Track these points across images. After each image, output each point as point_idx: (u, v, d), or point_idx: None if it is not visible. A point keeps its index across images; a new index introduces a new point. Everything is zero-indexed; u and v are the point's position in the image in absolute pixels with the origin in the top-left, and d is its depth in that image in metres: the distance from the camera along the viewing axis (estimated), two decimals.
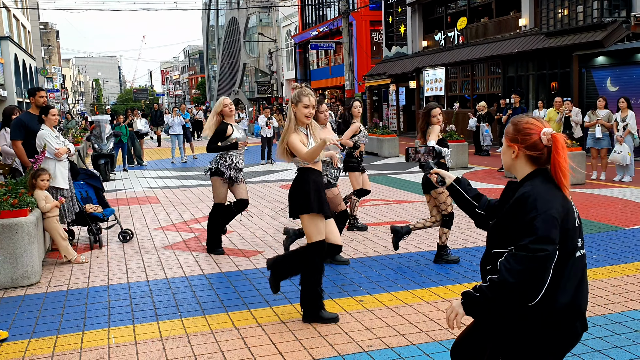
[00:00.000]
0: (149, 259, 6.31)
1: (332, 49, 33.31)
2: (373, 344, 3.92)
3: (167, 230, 7.77)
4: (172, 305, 4.80)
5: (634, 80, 14.93)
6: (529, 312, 2.10)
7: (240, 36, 56.13)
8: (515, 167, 2.26)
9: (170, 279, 5.52)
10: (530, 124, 2.22)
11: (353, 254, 6.22)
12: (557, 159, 2.13)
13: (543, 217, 2.05)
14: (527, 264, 2.02)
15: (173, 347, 3.96)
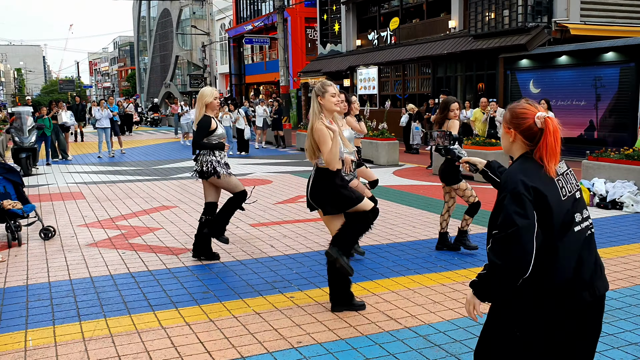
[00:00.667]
0: (72, 257, 6.07)
1: (267, 44, 33.14)
2: (302, 340, 3.93)
3: (92, 228, 7.49)
4: (96, 304, 4.63)
5: (554, 83, 15.71)
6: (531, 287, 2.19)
7: (173, 28, 54.81)
8: (512, 150, 2.40)
9: (95, 278, 5.33)
10: (525, 109, 2.34)
11: (285, 251, 6.23)
12: (546, 138, 2.25)
13: (509, 195, 2.19)
14: (503, 243, 2.15)
15: (96, 348, 3.82)
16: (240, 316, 4.36)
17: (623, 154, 8.74)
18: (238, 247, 6.42)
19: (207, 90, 5.87)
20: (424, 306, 4.56)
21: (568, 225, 2.22)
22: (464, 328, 4.11)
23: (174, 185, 11.20)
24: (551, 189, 2.22)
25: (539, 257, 2.16)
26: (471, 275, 5.30)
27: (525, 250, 2.12)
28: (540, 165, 2.26)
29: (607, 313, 4.36)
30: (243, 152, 17.83)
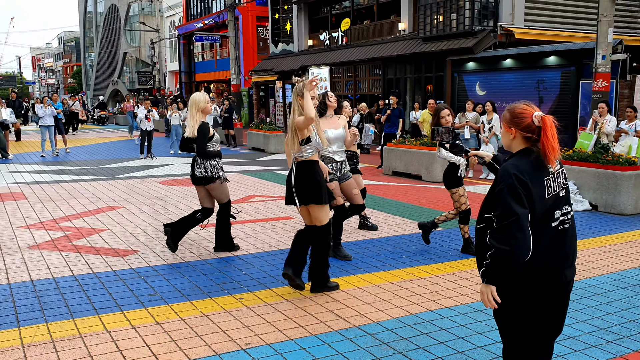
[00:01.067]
0: (11, 260, 5.84)
1: (217, 42, 32.76)
2: (251, 341, 3.91)
3: (33, 229, 7.23)
4: (37, 309, 4.47)
5: (499, 85, 16.17)
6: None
7: (121, 24, 53.51)
8: (512, 146, 2.66)
9: (36, 281, 5.15)
10: (523, 109, 2.62)
11: (235, 252, 6.17)
12: (544, 136, 2.53)
13: (507, 188, 2.47)
14: (507, 231, 2.43)
15: (36, 355, 3.69)
16: (188, 318, 4.30)
17: (564, 154, 9.08)
18: (186, 248, 6.33)
19: (199, 96, 5.86)
20: (373, 305, 4.61)
21: (546, 220, 2.52)
22: (411, 326, 4.18)
23: (120, 186, 10.93)
24: (537, 186, 2.51)
25: None
26: (418, 273, 5.40)
27: (526, 234, 2.43)
28: (534, 162, 2.54)
29: None
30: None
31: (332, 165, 5.83)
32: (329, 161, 5.83)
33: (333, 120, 5.91)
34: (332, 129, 5.82)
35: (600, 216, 8.07)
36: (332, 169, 5.82)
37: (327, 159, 5.83)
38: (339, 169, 5.89)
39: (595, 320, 4.29)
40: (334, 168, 5.85)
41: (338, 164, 5.88)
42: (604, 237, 6.88)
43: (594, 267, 5.61)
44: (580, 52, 14.15)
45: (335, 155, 5.86)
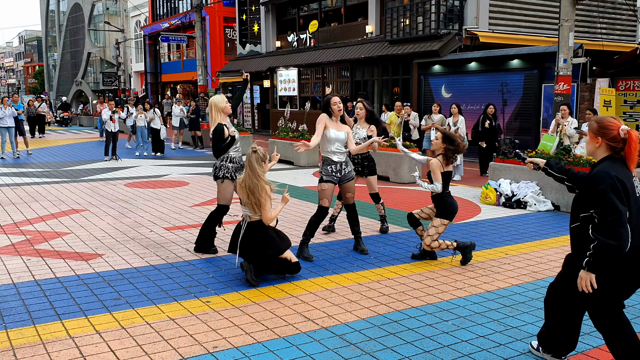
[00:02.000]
0: None
1: (184, 43, 32.42)
2: (218, 344, 3.88)
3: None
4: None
5: (464, 88, 16.42)
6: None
7: (85, 24, 52.46)
8: (596, 154, 3.22)
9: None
10: (611, 122, 3.15)
11: (202, 254, 6.11)
12: (629, 146, 3.09)
13: (609, 187, 2.98)
14: (613, 226, 2.96)
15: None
16: (154, 322, 4.24)
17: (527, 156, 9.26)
18: (152, 251, 6.23)
19: (218, 98, 6.03)
20: (341, 306, 4.62)
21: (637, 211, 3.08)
22: (379, 326, 4.21)
23: (84, 188, 10.72)
24: (630, 183, 3.08)
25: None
26: (386, 274, 5.44)
27: (627, 229, 2.98)
28: (622, 167, 3.10)
29: (511, 307, 4.61)
30: (158, 153, 17.35)
31: (330, 168, 6.01)
32: (327, 163, 6.02)
33: (338, 125, 6.15)
34: (335, 129, 6.05)
35: (562, 216, 8.26)
36: (331, 171, 6.00)
37: (326, 160, 6.04)
38: (338, 170, 6.03)
39: None
40: (334, 170, 6.01)
41: (337, 165, 6.02)
42: (566, 236, 7.04)
43: (557, 266, 5.74)
44: (543, 55, 14.48)
45: (333, 156, 6.01)
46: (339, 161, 6.03)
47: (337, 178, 6.04)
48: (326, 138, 6.00)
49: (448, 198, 5.78)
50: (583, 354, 3.77)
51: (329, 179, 6.00)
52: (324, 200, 5.99)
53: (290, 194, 9.83)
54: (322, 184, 6.00)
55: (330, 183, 5.99)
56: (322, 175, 6.05)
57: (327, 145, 6.02)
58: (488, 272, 5.54)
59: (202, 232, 6.16)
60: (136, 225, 7.54)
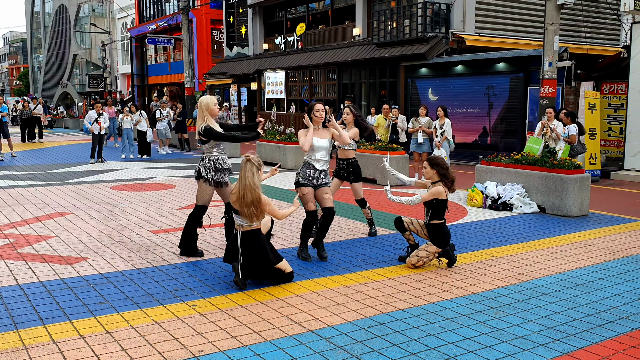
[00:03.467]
0: None
1: (171, 45, 32.28)
2: (204, 348, 3.85)
3: None
4: None
5: (451, 91, 16.51)
6: None
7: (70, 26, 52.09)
8: None
9: None
10: None
11: (188, 258, 6.08)
12: None
13: None
14: None
15: None
16: (139, 327, 4.20)
17: (512, 158, 9.33)
18: (137, 255, 6.19)
19: (207, 99, 6.04)
20: (328, 309, 4.61)
21: None
22: (365, 329, 4.20)
23: (69, 191, 10.62)
24: None
25: None
26: (373, 276, 5.44)
27: None
28: None
29: (497, 309, 4.63)
30: (145, 156, 17.24)
31: (310, 172, 6.02)
32: (308, 167, 6.04)
33: (321, 131, 6.17)
34: (318, 137, 6.09)
35: (548, 218, 8.32)
36: (309, 175, 6.01)
37: (307, 164, 6.06)
38: (316, 177, 6.03)
39: (543, 320, 4.41)
40: (312, 175, 6.01)
41: (317, 172, 6.04)
42: (551, 238, 7.09)
43: (542, 268, 5.78)
44: (528, 59, 14.61)
45: (316, 163, 6.04)
46: (320, 169, 6.06)
47: (313, 184, 6.04)
48: (311, 146, 6.04)
49: (445, 228, 5.76)
50: (568, 355, 3.80)
51: (305, 182, 6.00)
52: (309, 205, 5.99)
53: (278, 197, 9.83)
54: (301, 189, 6.00)
55: (308, 186, 6.00)
56: (298, 177, 6.05)
57: (312, 152, 6.06)
58: (474, 274, 5.56)
59: (184, 236, 6.11)
60: (122, 228, 7.48)
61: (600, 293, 5.05)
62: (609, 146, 14.37)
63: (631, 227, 7.82)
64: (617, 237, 7.18)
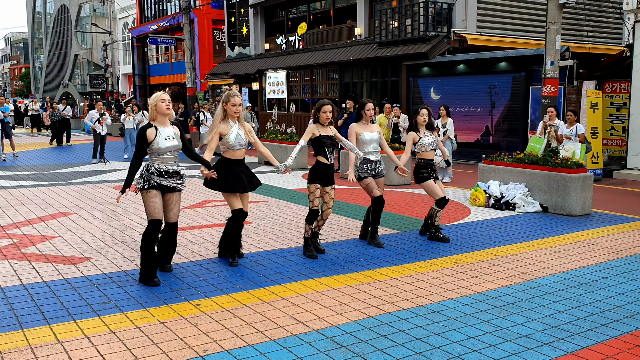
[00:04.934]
0: None
1: (172, 45, 32.30)
2: (209, 347, 3.86)
3: None
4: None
5: (453, 90, 16.50)
6: None
7: (72, 26, 52.13)
8: None
9: None
10: None
11: (192, 257, 6.08)
12: None
13: None
14: None
15: None
16: (144, 326, 4.21)
17: (515, 157, 9.32)
18: None
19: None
20: (332, 308, 4.62)
21: None
22: (370, 328, 4.20)
23: (72, 191, 10.63)
24: None
25: None
26: (376, 276, 5.45)
27: None
28: None
29: (501, 308, 4.63)
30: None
31: (367, 166, 6.53)
32: (364, 162, 6.53)
33: (369, 126, 6.66)
34: (368, 132, 6.59)
35: (551, 217, 8.32)
36: (367, 169, 6.52)
37: (363, 160, 6.53)
38: (374, 168, 6.57)
39: (547, 319, 4.41)
40: (370, 167, 6.54)
41: (373, 163, 6.57)
42: (555, 237, 7.09)
43: (545, 267, 5.78)
44: (530, 58, 14.59)
45: (370, 156, 6.56)
46: (375, 160, 6.58)
47: (371, 174, 6.56)
48: (360, 141, 6.55)
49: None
50: (572, 354, 3.80)
51: (365, 175, 6.52)
52: (374, 192, 6.49)
53: (279, 197, 9.84)
54: (364, 180, 6.51)
55: (368, 177, 6.52)
56: (358, 174, 6.50)
57: (362, 147, 6.55)
58: (478, 274, 5.56)
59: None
60: (125, 228, 7.49)
61: (604, 292, 5.05)
62: (611, 145, 14.35)
63: (634, 226, 7.82)
64: (620, 236, 7.18)
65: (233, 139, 5.64)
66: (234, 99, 5.64)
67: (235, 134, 5.66)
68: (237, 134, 5.67)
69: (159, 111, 5.23)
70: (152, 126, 5.20)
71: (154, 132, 5.17)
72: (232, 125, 5.69)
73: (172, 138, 5.27)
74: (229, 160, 5.71)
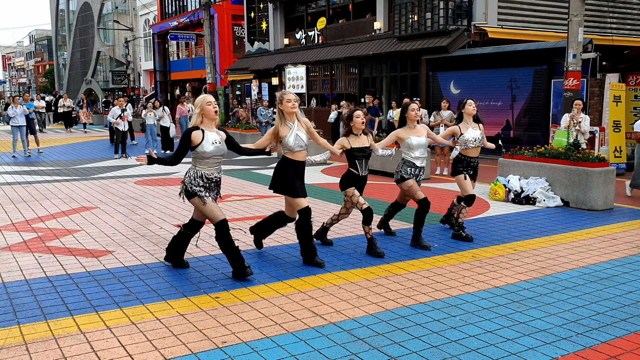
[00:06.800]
0: None
1: (192, 41, 32.54)
2: (227, 339, 3.92)
3: (5, 231, 7.11)
4: (9, 311, 4.41)
5: (473, 84, 16.36)
6: None
7: (94, 23, 52.77)
8: None
9: (7, 284, 5.07)
10: None
11: (211, 251, 6.16)
12: None
13: None
14: None
15: (8, 357, 3.64)
16: (164, 318, 4.29)
17: (535, 152, 9.23)
18: (162, 248, 6.28)
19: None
20: (349, 301, 4.64)
21: None
22: (387, 321, 4.22)
23: (94, 186, 10.81)
24: None
25: None
26: (394, 270, 5.46)
27: None
28: None
29: (519, 302, 4.61)
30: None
31: (411, 169, 6.28)
32: (409, 165, 6.30)
33: (416, 130, 6.38)
34: (415, 136, 6.32)
35: (572, 212, 8.23)
36: (411, 172, 6.28)
37: (407, 163, 6.32)
38: (416, 174, 6.31)
39: (566, 314, 4.38)
40: (413, 172, 6.29)
41: (417, 169, 6.32)
42: (575, 232, 7.02)
43: (565, 262, 5.73)
44: (552, 51, 14.40)
45: (416, 161, 6.31)
46: (421, 166, 6.35)
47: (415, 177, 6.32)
48: (406, 145, 6.32)
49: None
50: (591, 349, 3.77)
51: (409, 177, 6.28)
52: (418, 194, 6.23)
53: None
54: (406, 182, 6.26)
55: (412, 179, 6.28)
56: (401, 175, 6.29)
57: (410, 151, 6.31)
58: (496, 268, 5.54)
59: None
60: (146, 222, 7.61)
61: (624, 287, 5.00)
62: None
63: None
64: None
65: (292, 141, 5.45)
66: (287, 95, 5.45)
67: (294, 135, 5.46)
68: (297, 135, 5.47)
69: (206, 115, 5.05)
70: (198, 129, 5.03)
71: (201, 135, 5.01)
72: (291, 127, 5.48)
73: (219, 142, 5.12)
74: (292, 161, 5.54)
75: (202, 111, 5.04)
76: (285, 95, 5.46)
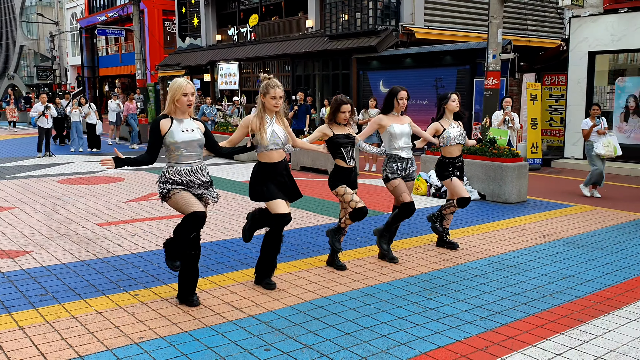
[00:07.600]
0: None
1: (122, 36, 31.67)
2: (144, 335, 3.94)
3: None
4: None
5: (401, 83, 16.74)
6: None
7: (16, 15, 50.35)
8: None
9: None
10: None
11: (133, 249, 6.11)
12: None
13: None
14: None
15: None
16: (80, 316, 4.25)
17: None
18: (82, 247, 6.18)
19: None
20: (269, 295, 4.75)
21: None
22: (304, 312, 4.36)
23: (14, 185, 10.40)
24: None
25: None
26: (316, 263, 5.61)
27: None
28: None
29: (431, 290, 4.87)
30: (94, 149, 16.96)
31: (396, 165, 5.65)
32: (393, 160, 5.66)
33: (399, 117, 5.78)
34: (398, 124, 5.70)
35: (487, 205, 8.67)
36: (397, 169, 5.64)
37: (392, 157, 5.68)
38: (404, 168, 5.67)
39: (473, 299, 4.66)
40: (399, 167, 5.65)
41: (404, 162, 5.67)
42: (489, 224, 7.42)
43: (477, 252, 6.06)
44: (474, 51, 15.02)
45: (400, 152, 5.66)
46: (407, 157, 5.70)
47: (402, 176, 5.67)
48: (388, 134, 5.68)
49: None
50: (492, 331, 4.04)
51: (394, 175, 5.63)
52: (403, 196, 5.57)
53: (228, 189, 9.89)
54: (392, 182, 5.61)
55: (397, 178, 5.63)
56: (386, 174, 5.66)
57: (392, 141, 5.68)
58: (412, 258, 5.80)
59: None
60: (67, 221, 7.43)
61: (528, 274, 5.35)
62: (550, 135, 14.94)
63: (565, 212, 8.24)
64: (550, 222, 7.56)
65: (268, 136, 4.70)
66: (275, 90, 4.66)
67: (270, 130, 4.72)
68: (273, 131, 4.73)
69: (179, 107, 4.34)
70: (167, 117, 4.36)
71: (169, 123, 4.32)
72: (268, 121, 4.76)
73: (191, 130, 4.38)
74: (265, 164, 4.77)
75: (175, 102, 4.33)
76: (270, 89, 4.67)
